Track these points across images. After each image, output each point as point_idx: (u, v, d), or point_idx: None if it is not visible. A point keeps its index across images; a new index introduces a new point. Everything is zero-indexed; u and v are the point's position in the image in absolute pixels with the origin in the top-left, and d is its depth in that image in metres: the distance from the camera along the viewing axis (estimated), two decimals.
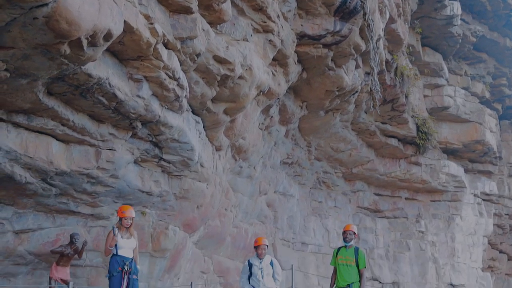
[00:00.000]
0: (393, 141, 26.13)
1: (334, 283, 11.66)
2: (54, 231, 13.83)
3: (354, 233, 11.63)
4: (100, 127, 11.82)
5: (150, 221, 15.01)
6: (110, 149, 12.36)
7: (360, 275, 11.33)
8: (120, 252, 10.52)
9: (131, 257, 10.62)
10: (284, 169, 23.46)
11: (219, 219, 18.37)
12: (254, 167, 19.58)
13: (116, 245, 10.92)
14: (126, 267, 10.30)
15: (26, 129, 11.02)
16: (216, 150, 16.07)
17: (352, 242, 11.59)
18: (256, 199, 21.07)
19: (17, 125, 10.82)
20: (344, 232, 11.69)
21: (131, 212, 10.94)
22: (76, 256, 13.60)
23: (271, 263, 11.66)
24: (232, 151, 17.47)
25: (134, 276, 10.62)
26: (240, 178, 19.25)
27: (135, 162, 13.39)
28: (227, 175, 18.01)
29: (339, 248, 11.81)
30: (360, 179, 28.11)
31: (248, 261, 11.83)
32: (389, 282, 28.93)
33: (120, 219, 11.10)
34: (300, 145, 22.98)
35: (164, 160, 13.68)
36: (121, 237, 10.66)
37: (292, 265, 19.85)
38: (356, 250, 11.51)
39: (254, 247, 11.84)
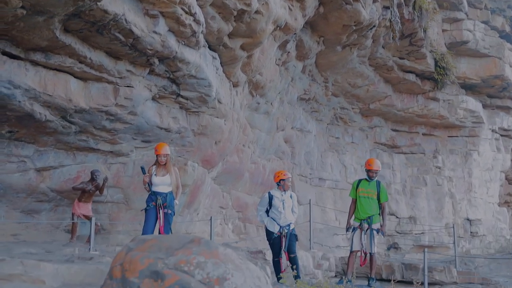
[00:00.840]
0: (411, 77, 25.83)
1: (352, 214, 11.63)
2: (75, 168, 14.02)
3: (379, 170, 11.66)
4: (118, 64, 11.82)
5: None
6: (128, 86, 12.39)
7: (382, 208, 11.39)
8: (154, 189, 10.70)
9: (166, 192, 10.75)
10: (301, 105, 23.39)
11: (237, 155, 18.48)
12: (271, 103, 19.53)
13: (151, 182, 11.15)
14: (159, 202, 10.49)
15: (44, 67, 11.07)
16: (233, 86, 16.02)
17: (375, 178, 11.57)
18: (274, 135, 21.10)
19: (35, 63, 10.87)
20: (369, 171, 11.57)
21: (165, 149, 11.00)
22: (97, 192, 13.82)
23: (291, 197, 11.55)
24: (249, 87, 17.41)
25: (169, 211, 10.78)
26: (258, 114, 19.24)
27: (153, 99, 13.42)
28: (244, 111, 18.01)
29: (360, 180, 11.80)
30: (377, 115, 27.97)
31: (269, 193, 11.65)
32: (405, 217, 29.13)
33: (156, 157, 11.25)
34: (317, 80, 22.82)
35: (182, 96, 13.69)
36: (155, 174, 10.85)
37: (310, 200, 20.01)
38: (378, 183, 11.47)
39: (281, 179, 11.56)
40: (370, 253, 11.40)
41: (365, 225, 11.24)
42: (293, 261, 10.90)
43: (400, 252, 27.74)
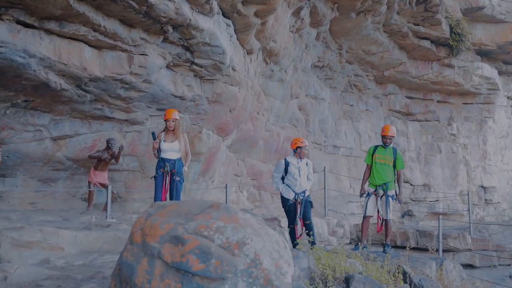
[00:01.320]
0: (426, 43, 25.55)
1: (366, 180, 11.32)
2: (90, 136, 14.09)
3: (393, 136, 11.22)
4: (132, 32, 11.80)
5: (184, 126, 15.14)
6: (142, 54, 12.38)
7: (398, 176, 11.11)
8: (163, 155, 10.36)
9: (174, 159, 10.37)
10: (315, 73, 23.27)
11: (251, 123, 18.48)
12: (285, 71, 19.45)
13: (160, 149, 10.75)
14: (167, 168, 10.18)
15: (59, 35, 11.08)
16: (247, 53, 15.96)
17: (391, 144, 11.23)
18: (288, 103, 21.05)
19: (49, 32, 10.88)
20: (384, 137, 11.17)
21: (173, 114, 10.55)
22: (113, 160, 13.88)
23: (307, 164, 11.39)
24: (263, 55, 17.33)
25: (177, 178, 10.38)
26: (272, 81, 19.18)
27: (167, 67, 13.40)
28: (258, 78, 17.95)
29: (376, 147, 11.37)
30: (391, 82, 27.77)
31: (285, 159, 11.49)
32: (420, 184, 29.10)
33: (165, 122, 10.80)
34: (331, 48, 22.66)
35: (196, 64, 13.66)
36: (164, 140, 10.45)
37: (324, 168, 20.00)
38: (395, 150, 11.17)
39: (298, 147, 11.31)
40: (385, 220, 11.17)
41: (380, 191, 10.98)
42: (308, 227, 10.96)
43: (414, 219, 27.77)
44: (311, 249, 7.26)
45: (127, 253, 3.71)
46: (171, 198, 10.05)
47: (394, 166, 11.09)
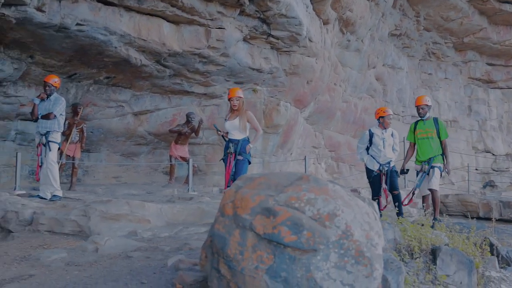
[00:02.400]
0: (508, 7, 24.61)
1: (409, 159, 10.72)
2: (170, 111, 14.33)
3: (427, 105, 10.37)
4: (209, 6, 11.84)
5: (261, 98, 15.20)
6: (219, 28, 12.42)
7: (444, 146, 10.29)
8: (229, 136, 9.61)
9: (238, 139, 9.46)
10: (393, 41, 22.86)
11: (328, 94, 18.35)
12: (362, 40, 19.17)
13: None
14: (231, 149, 9.43)
15: (138, 12, 11.24)
16: (323, 24, 15.79)
17: (428, 115, 10.39)
18: (365, 73, 20.79)
19: (128, 8, 11.05)
20: (417, 107, 10.48)
21: (236, 92, 9.67)
22: (193, 134, 14.07)
23: (392, 134, 11.06)
24: (339, 25, 17.13)
25: (240, 157, 9.45)
26: (348, 52, 18.95)
27: (244, 39, 13.42)
28: (335, 49, 17.77)
29: (416, 122, 10.63)
30: (471, 49, 26.96)
31: (369, 130, 11.12)
32: (502, 154, 28.31)
33: (229, 102, 9.96)
34: (408, 15, 22.18)
35: (273, 36, 13.61)
36: (226, 120, 9.71)
37: (404, 138, 19.68)
38: (435, 120, 10.40)
39: (380, 117, 11.06)
40: (431, 190, 10.33)
41: (426, 167, 10.22)
42: (396, 198, 10.68)
43: (496, 190, 27.03)
44: (397, 220, 7.16)
45: (218, 225, 3.74)
46: (233, 179, 9.17)
47: (439, 137, 10.31)
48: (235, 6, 12.22)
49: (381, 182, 10.77)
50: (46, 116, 9.96)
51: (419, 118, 10.50)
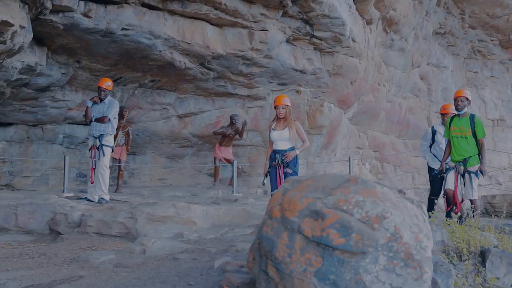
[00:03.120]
0: None
1: (447, 158, 9.71)
2: (214, 113, 14.42)
3: (467, 99, 9.33)
4: (252, 8, 11.88)
5: (305, 99, 15.19)
6: (262, 30, 12.45)
7: (480, 145, 9.31)
8: (274, 147, 8.82)
9: (285, 149, 8.69)
10: (437, 40, 22.59)
11: (372, 94, 18.23)
12: (405, 39, 19.00)
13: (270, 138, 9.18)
14: (278, 161, 8.68)
15: (181, 15, 11.34)
16: (366, 23, 15.70)
17: (466, 109, 9.32)
18: (409, 72, 20.58)
19: (172, 12, 11.16)
20: (455, 99, 9.42)
21: (283, 100, 8.84)
22: (237, 136, 14.12)
23: None
24: (383, 24, 17.00)
25: (289, 170, 8.66)
26: (392, 51, 18.80)
27: (287, 41, 13.41)
28: (378, 49, 17.65)
29: (452, 118, 9.61)
30: None
31: (432, 127, 10.86)
32: None
33: (275, 110, 9.10)
34: (453, 13, 21.88)
35: (316, 37, 13.58)
36: (273, 129, 8.83)
37: None
38: (472, 117, 9.35)
39: (441, 114, 10.65)
40: (471, 200, 9.42)
41: (461, 168, 9.32)
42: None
43: None
44: (446, 221, 7.04)
45: (267, 228, 3.75)
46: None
47: (475, 136, 9.34)
48: (278, 7, 12.23)
49: (442, 182, 9.97)
50: (101, 120, 10.13)
51: (455, 114, 9.51)
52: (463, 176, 9.35)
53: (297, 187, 3.84)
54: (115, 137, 12.52)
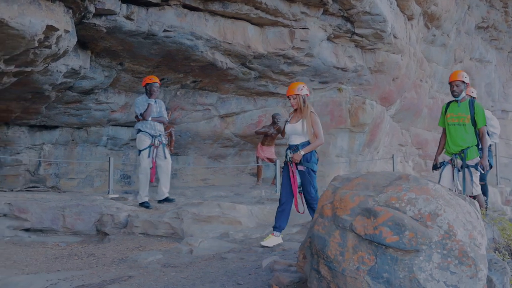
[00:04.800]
0: None
1: (442, 149, 8.56)
2: (256, 113, 14.43)
3: (463, 82, 8.14)
4: (292, 7, 11.85)
5: (347, 97, 15.10)
6: (303, 28, 12.41)
7: (481, 135, 8.13)
8: (289, 141, 7.77)
9: (297, 143, 7.55)
10: (479, 34, 22.23)
11: (414, 91, 18.03)
12: (447, 35, 18.74)
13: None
14: (288, 157, 7.61)
15: (222, 16, 11.37)
16: (408, 19, 15.53)
17: (463, 94, 8.17)
18: (452, 68, 20.29)
19: (213, 13, 11.19)
20: (450, 84, 8.23)
21: (293, 89, 7.68)
22: (279, 135, 14.09)
23: None
24: (424, 19, 16.80)
25: (301, 167, 7.51)
26: (434, 47, 18.57)
27: (328, 39, 13.35)
28: (420, 44, 17.44)
29: (448, 104, 8.46)
30: None
31: None
32: None
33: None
34: (495, 6, 21.51)
35: (357, 34, 13.49)
36: (287, 122, 7.90)
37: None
38: (471, 103, 8.17)
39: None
40: (472, 197, 8.03)
41: (458, 161, 8.16)
42: (482, 188, 9.03)
43: None
44: (496, 219, 6.90)
45: (318, 227, 3.73)
46: (304, 194, 7.59)
47: (475, 124, 8.15)
48: (319, 5, 12.18)
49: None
50: (159, 120, 10.12)
51: (452, 99, 8.34)
52: (460, 170, 8.20)
53: (347, 185, 3.82)
54: None
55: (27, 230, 8.85)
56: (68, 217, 8.95)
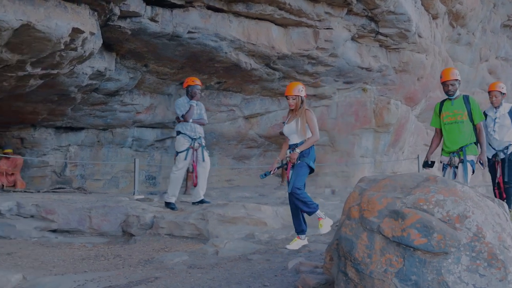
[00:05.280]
0: None
1: (434, 149, 8.22)
2: (280, 113, 14.43)
3: (457, 80, 7.73)
4: (316, 7, 11.84)
5: (371, 97, 15.04)
6: (327, 28, 12.39)
7: (478, 131, 7.78)
8: (289, 141, 7.54)
9: (296, 143, 7.34)
10: (505, 32, 21.99)
11: (439, 90, 17.80)
12: (473, 33, 18.58)
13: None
14: (287, 157, 7.42)
15: (246, 17, 11.40)
16: (432, 18, 15.43)
17: (458, 93, 7.77)
18: (477, 67, 20.12)
19: (237, 14, 11.22)
20: (444, 84, 7.80)
21: (293, 90, 7.39)
22: None
23: (510, 112, 8.86)
24: (449, 18, 16.67)
25: (297, 161, 7.26)
26: (459, 46, 18.42)
27: (352, 39, 13.32)
28: (445, 44, 17.32)
29: (441, 102, 8.03)
30: None
31: (484, 112, 8.83)
32: None
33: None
34: None
35: (381, 34, 13.43)
36: (284, 123, 7.70)
37: None
38: (466, 98, 7.78)
39: (488, 91, 9.00)
40: None
41: (456, 159, 7.73)
42: (506, 192, 8.68)
43: None
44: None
45: (345, 229, 3.72)
46: (288, 185, 7.29)
47: (472, 120, 7.75)
48: (343, 5, 12.15)
49: (496, 171, 8.85)
50: (200, 122, 10.08)
51: (445, 98, 7.95)
52: (457, 167, 7.80)
53: (374, 187, 3.80)
54: None
55: (54, 231, 8.94)
56: (95, 218, 9.02)
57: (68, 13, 7.82)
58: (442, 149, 7.95)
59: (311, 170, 7.38)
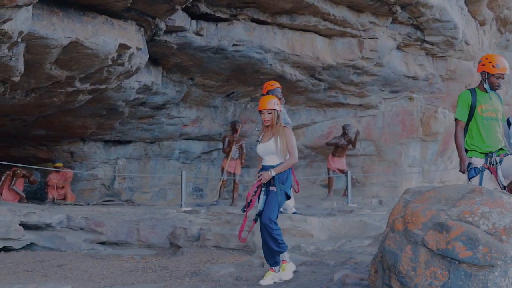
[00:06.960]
0: None
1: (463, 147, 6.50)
2: (326, 124, 14.40)
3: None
4: (360, 17, 11.80)
5: (418, 106, 14.89)
6: (372, 38, 12.33)
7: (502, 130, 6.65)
8: (263, 162, 6.45)
9: (273, 164, 6.26)
10: None
11: None
12: None
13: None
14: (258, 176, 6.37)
15: (290, 28, 11.44)
16: (480, 25, 15.18)
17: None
18: None
19: (281, 26, 11.27)
20: (492, 76, 6.27)
21: (268, 103, 6.36)
22: (350, 146, 13.98)
23: (500, 98, 6.82)
24: (497, 24, 16.38)
25: (273, 188, 6.24)
26: (508, 52, 18.08)
27: (398, 47, 13.21)
28: (493, 50, 17.00)
29: (473, 92, 6.44)
30: None
31: (508, 119, 7.99)
32: None
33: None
34: None
35: (427, 42, 13.29)
36: (257, 141, 6.50)
37: None
38: (498, 94, 6.57)
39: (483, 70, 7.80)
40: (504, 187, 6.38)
41: (495, 159, 6.28)
42: None
43: None
44: None
45: (389, 241, 3.70)
46: (256, 219, 6.42)
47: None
48: (387, 14, 12.07)
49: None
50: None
51: (472, 88, 6.50)
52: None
53: (419, 199, 3.77)
54: (228, 152, 12.72)
55: (103, 243, 9.10)
56: (142, 230, 9.15)
57: (115, 30, 7.97)
58: (474, 150, 6.44)
59: (287, 198, 6.45)
